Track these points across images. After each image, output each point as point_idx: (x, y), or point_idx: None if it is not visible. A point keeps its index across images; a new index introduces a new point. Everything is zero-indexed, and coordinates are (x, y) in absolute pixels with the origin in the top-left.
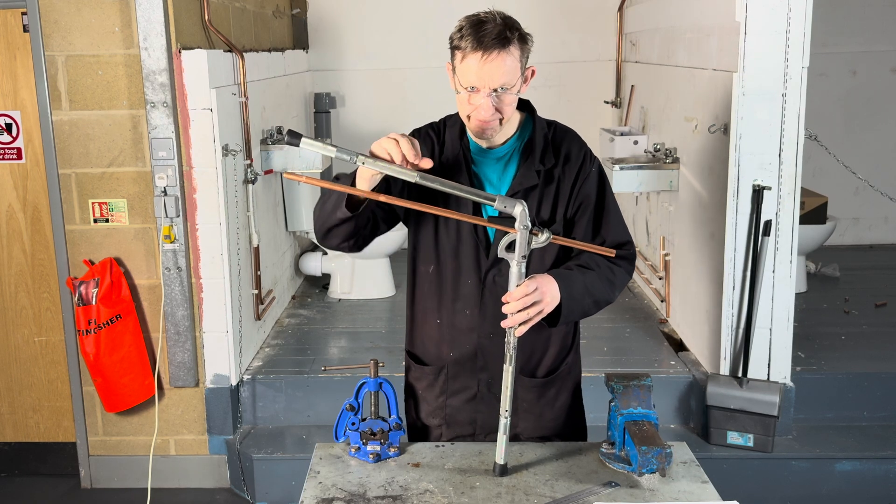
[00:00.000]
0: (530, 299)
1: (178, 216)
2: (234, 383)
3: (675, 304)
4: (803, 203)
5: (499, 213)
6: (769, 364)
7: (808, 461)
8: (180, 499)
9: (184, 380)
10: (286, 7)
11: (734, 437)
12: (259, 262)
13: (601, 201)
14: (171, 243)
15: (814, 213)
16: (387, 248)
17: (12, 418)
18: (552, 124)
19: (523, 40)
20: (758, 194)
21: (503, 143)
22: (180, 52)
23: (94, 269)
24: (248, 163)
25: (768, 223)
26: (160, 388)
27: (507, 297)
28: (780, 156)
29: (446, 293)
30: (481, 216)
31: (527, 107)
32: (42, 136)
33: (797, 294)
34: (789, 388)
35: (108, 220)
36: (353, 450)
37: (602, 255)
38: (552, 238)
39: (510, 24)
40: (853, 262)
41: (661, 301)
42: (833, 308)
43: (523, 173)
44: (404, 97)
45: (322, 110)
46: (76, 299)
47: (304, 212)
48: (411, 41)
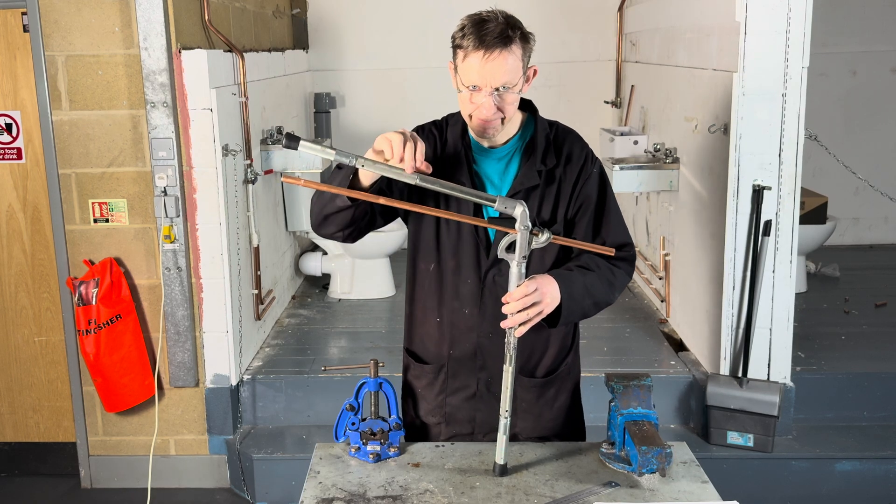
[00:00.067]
0: (530, 300)
1: (178, 216)
2: (234, 383)
3: (675, 304)
4: (803, 203)
5: (499, 214)
6: (769, 364)
7: (808, 461)
8: (180, 499)
9: (184, 380)
10: (286, 7)
11: (734, 437)
12: (259, 262)
13: (602, 202)
14: (171, 243)
15: (814, 213)
16: (387, 248)
17: (12, 418)
18: (554, 124)
19: (525, 39)
20: (758, 194)
21: (505, 142)
22: (180, 52)
23: (94, 269)
24: (248, 163)
25: (768, 223)
26: (160, 388)
27: (506, 298)
28: (780, 156)
29: (446, 292)
30: (482, 216)
31: (529, 107)
32: (42, 136)
33: (797, 294)
34: (789, 388)
35: (108, 220)
36: (353, 450)
37: (602, 257)
38: (552, 238)
39: (512, 23)
40: (853, 262)
41: (661, 301)
42: (833, 308)
43: (524, 173)
44: (404, 97)
45: (322, 110)
46: (76, 299)
47: (304, 212)
48: (411, 41)
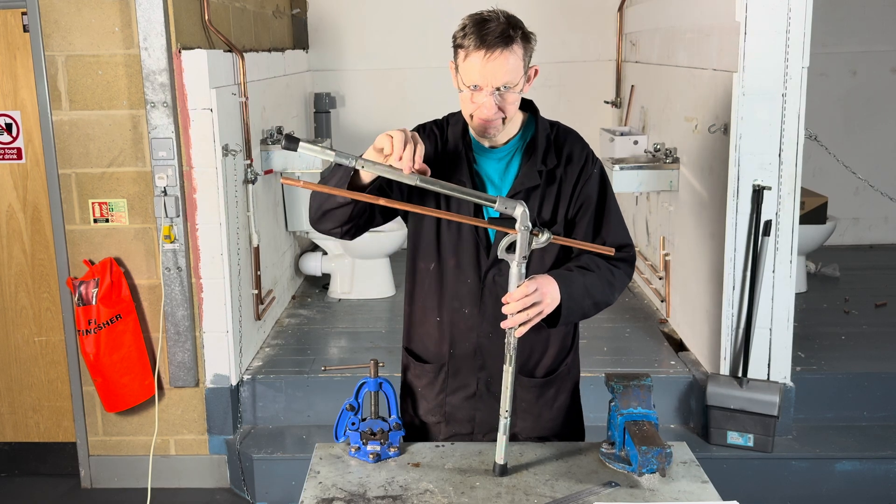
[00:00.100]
0: (530, 300)
1: (178, 216)
2: (234, 383)
3: (675, 304)
4: (803, 203)
5: (499, 215)
6: (769, 364)
7: (808, 461)
8: (180, 499)
9: (184, 380)
10: (286, 7)
11: (734, 437)
12: (259, 262)
13: (602, 203)
14: (171, 243)
15: (814, 213)
16: (387, 248)
17: (12, 418)
18: (555, 125)
19: (526, 39)
20: (758, 194)
21: (505, 142)
22: (180, 52)
23: (94, 269)
24: (248, 163)
25: (768, 223)
26: (160, 388)
27: (507, 298)
28: (780, 156)
29: (446, 291)
30: (482, 216)
31: (530, 107)
32: (42, 136)
33: (797, 294)
34: (789, 388)
35: (108, 220)
36: (353, 450)
37: (602, 257)
38: (552, 238)
39: (514, 23)
40: (853, 262)
41: (661, 301)
42: (833, 308)
43: (525, 173)
44: (404, 97)
45: (322, 110)
46: (76, 299)
47: (305, 212)
48: (411, 41)
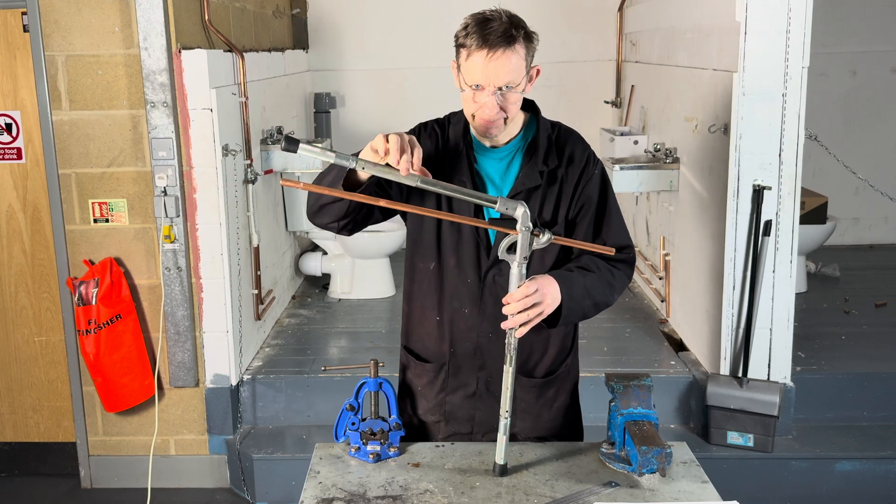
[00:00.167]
0: (531, 300)
1: (178, 216)
2: (234, 383)
3: (675, 304)
4: (803, 203)
5: (500, 215)
6: (769, 364)
7: (808, 461)
8: (180, 499)
9: (184, 380)
10: (286, 7)
11: (734, 437)
12: (259, 262)
13: (603, 204)
14: (171, 243)
15: (814, 213)
16: (387, 248)
17: (12, 418)
18: (556, 125)
19: (529, 39)
20: (758, 194)
21: (507, 142)
22: (180, 52)
23: (94, 269)
24: (248, 163)
25: (768, 223)
26: (160, 388)
27: (507, 299)
28: (780, 156)
29: (446, 291)
30: (482, 216)
31: (531, 107)
32: (42, 136)
33: (797, 294)
34: (789, 388)
35: (108, 220)
36: (353, 450)
37: (602, 258)
38: (553, 238)
39: (516, 23)
40: (853, 262)
41: (661, 301)
42: (833, 308)
43: (526, 173)
44: (404, 97)
45: (322, 110)
46: (76, 299)
47: (304, 211)
48: (411, 41)
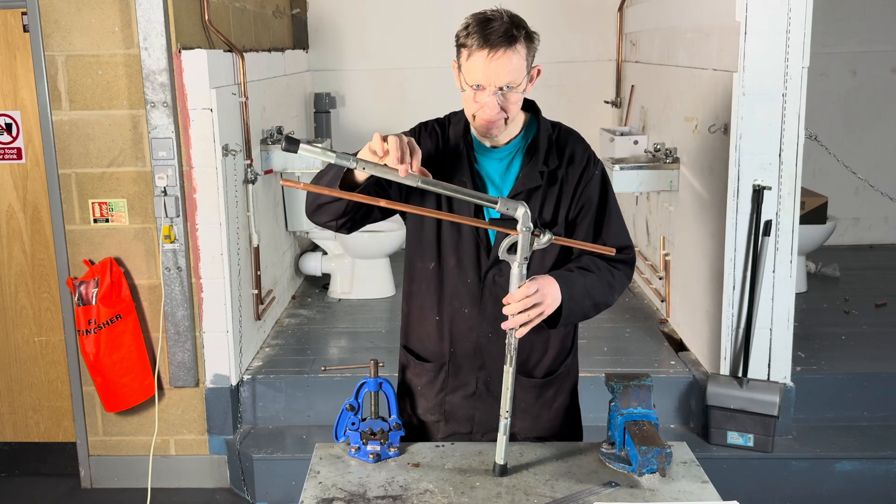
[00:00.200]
0: (531, 301)
1: (178, 216)
2: (234, 383)
3: (675, 304)
4: (803, 203)
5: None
6: (769, 364)
7: (808, 461)
8: (180, 499)
9: (184, 380)
10: (286, 7)
11: (734, 437)
12: (259, 262)
13: (603, 204)
14: (171, 243)
15: (814, 213)
16: (387, 248)
17: (12, 418)
18: (556, 125)
19: (530, 39)
20: (758, 194)
21: (507, 142)
22: (180, 52)
23: (94, 269)
24: (248, 163)
25: (768, 223)
26: (160, 388)
27: (508, 299)
28: (780, 156)
29: (446, 291)
30: (482, 216)
31: (531, 107)
32: (42, 136)
33: (797, 294)
34: (789, 388)
35: (108, 220)
36: (353, 450)
37: (602, 259)
38: (554, 238)
39: (517, 23)
40: (853, 262)
41: (661, 301)
42: (833, 308)
43: (526, 174)
44: (404, 97)
45: (322, 110)
46: (76, 299)
47: (304, 211)
48: (411, 41)
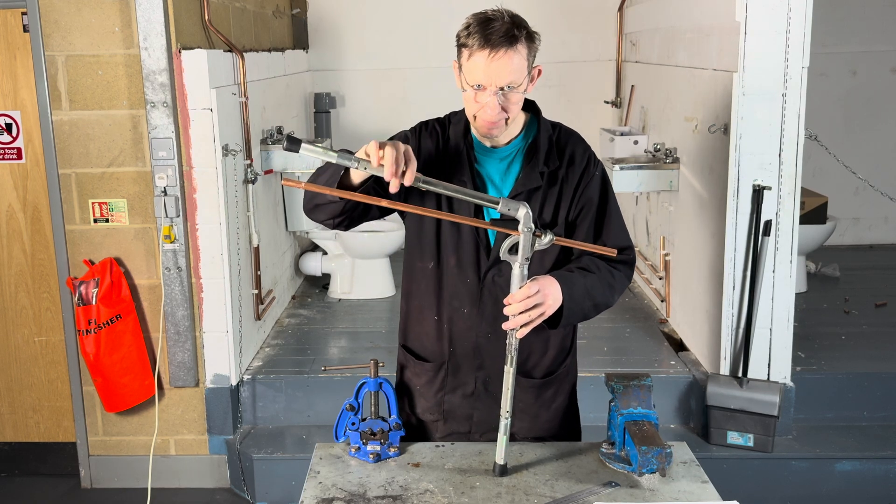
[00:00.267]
0: (532, 301)
1: (178, 216)
2: (234, 383)
3: (675, 304)
4: (803, 203)
5: (501, 216)
6: (769, 364)
7: (808, 461)
8: (180, 499)
9: (184, 380)
10: (286, 7)
11: (734, 437)
12: (259, 262)
13: (603, 205)
14: (171, 243)
15: (814, 213)
16: (387, 248)
17: (12, 418)
18: (557, 126)
19: (531, 39)
20: (758, 194)
21: (507, 142)
22: (180, 52)
23: (94, 269)
24: (248, 163)
25: (768, 223)
26: (160, 388)
27: (509, 299)
28: (780, 156)
29: (445, 290)
30: (482, 216)
31: (532, 108)
32: (42, 136)
33: (797, 294)
34: (789, 388)
35: (108, 220)
36: (353, 450)
37: (602, 259)
38: (555, 239)
39: (518, 23)
40: (853, 262)
41: (661, 301)
42: (833, 308)
43: (527, 174)
44: (404, 97)
45: (322, 110)
46: (76, 299)
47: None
48: (411, 41)
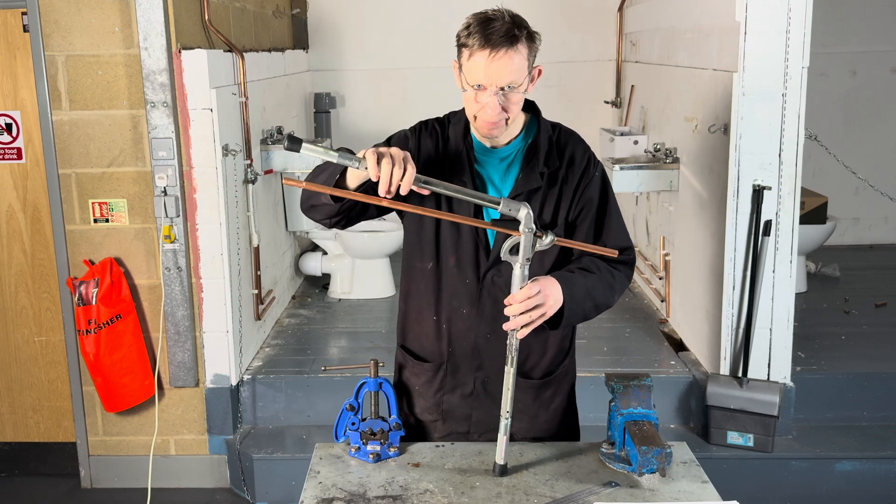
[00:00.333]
0: (533, 302)
1: (178, 216)
2: (234, 383)
3: (675, 304)
4: (803, 203)
5: (501, 216)
6: (769, 364)
7: (808, 461)
8: (180, 499)
9: (184, 380)
10: (286, 7)
11: (734, 437)
12: (259, 262)
13: (603, 206)
14: (171, 243)
15: (814, 213)
16: (387, 248)
17: (12, 418)
18: (557, 126)
19: (531, 39)
20: (758, 194)
21: (507, 143)
22: (180, 52)
23: (94, 269)
24: (248, 163)
25: (768, 223)
26: (160, 388)
27: (509, 300)
28: (780, 156)
29: (444, 291)
30: (482, 217)
31: (532, 108)
32: (42, 136)
33: (797, 294)
34: (789, 388)
35: (108, 220)
36: (353, 450)
37: (602, 259)
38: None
39: (518, 22)
40: (853, 262)
41: (661, 301)
42: (833, 308)
43: (527, 175)
44: (404, 97)
45: (322, 110)
46: (76, 299)
47: None
48: (411, 41)
